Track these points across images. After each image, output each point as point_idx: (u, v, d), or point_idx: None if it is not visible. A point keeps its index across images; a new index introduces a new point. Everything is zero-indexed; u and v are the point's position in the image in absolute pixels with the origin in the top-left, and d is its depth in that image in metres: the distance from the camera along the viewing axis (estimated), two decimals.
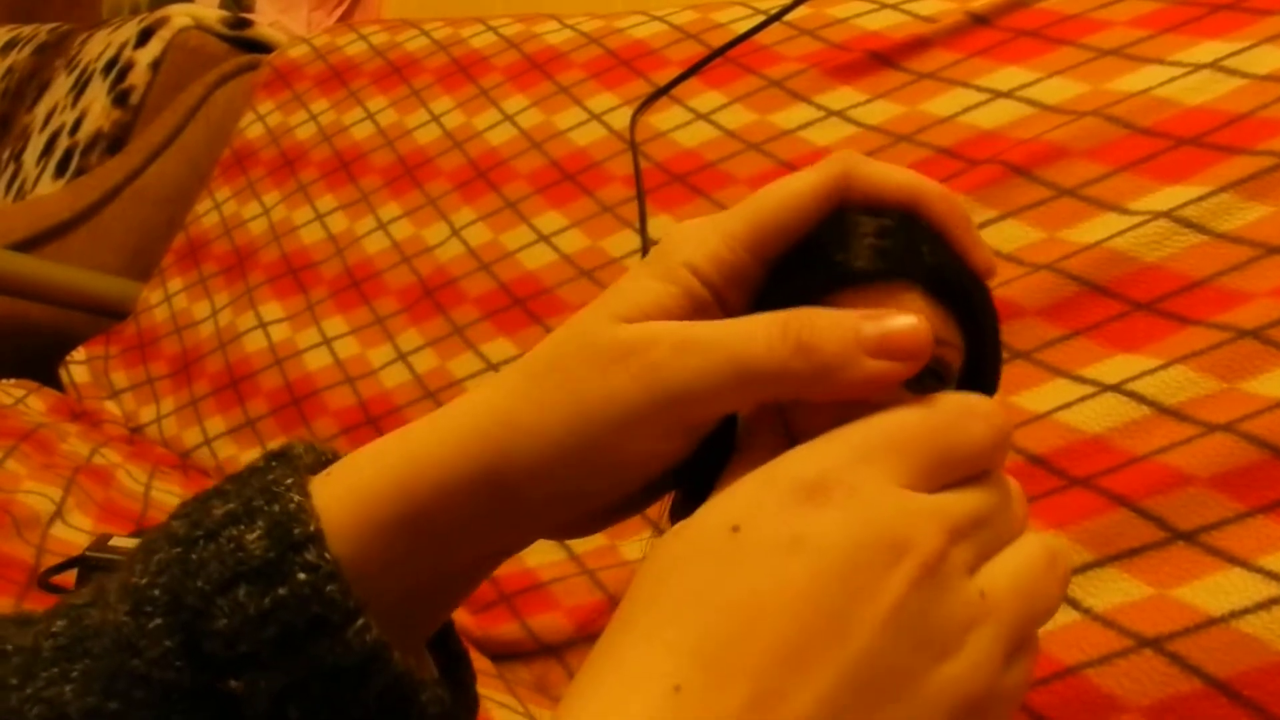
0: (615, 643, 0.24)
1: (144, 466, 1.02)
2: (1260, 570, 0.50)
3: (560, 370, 0.29)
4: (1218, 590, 0.50)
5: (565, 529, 0.32)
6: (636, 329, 0.28)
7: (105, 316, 1.37)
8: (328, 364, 1.06)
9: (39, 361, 1.30)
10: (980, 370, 0.32)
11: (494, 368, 0.93)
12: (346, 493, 0.29)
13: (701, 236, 0.30)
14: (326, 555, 0.27)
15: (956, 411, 0.27)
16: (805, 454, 0.26)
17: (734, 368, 0.27)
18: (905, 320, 0.27)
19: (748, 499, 0.25)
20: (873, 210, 0.31)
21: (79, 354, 1.33)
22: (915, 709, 0.23)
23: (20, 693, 0.26)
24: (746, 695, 0.22)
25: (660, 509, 0.33)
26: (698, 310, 0.29)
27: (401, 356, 1.00)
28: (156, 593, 0.27)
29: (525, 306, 0.95)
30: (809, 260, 0.30)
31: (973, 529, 0.26)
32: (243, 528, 0.27)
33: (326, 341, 1.08)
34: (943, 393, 0.29)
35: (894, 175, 0.30)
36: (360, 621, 0.27)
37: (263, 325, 1.15)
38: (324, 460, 0.31)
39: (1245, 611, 0.49)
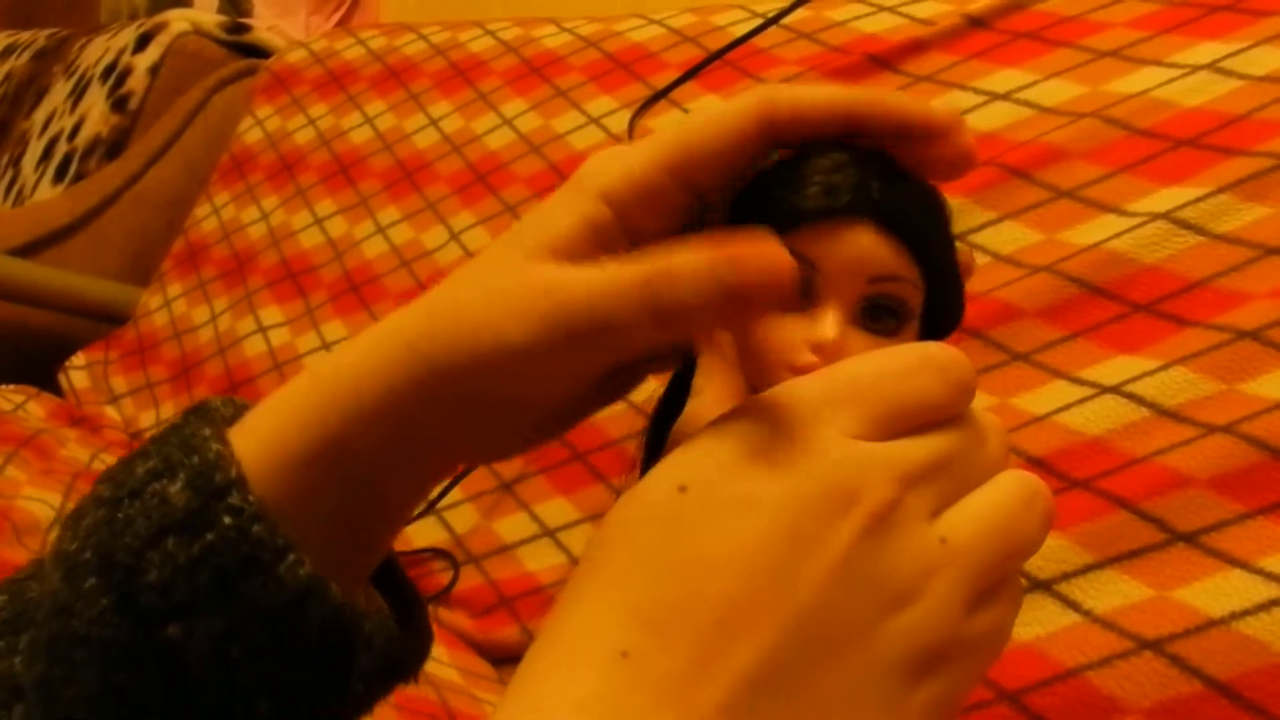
0: (564, 610, 0.24)
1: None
2: (1260, 572, 0.50)
3: (463, 304, 0.29)
4: (1218, 592, 0.50)
5: (486, 451, 0.32)
6: (533, 276, 0.28)
7: (104, 321, 1.37)
8: None
9: (38, 367, 1.30)
10: (941, 305, 0.32)
11: None
12: (264, 434, 0.29)
13: (622, 159, 0.29)
14: (250, 498, 0.27)
15: (912, 361, 0.27)
16: (754, 407, 0.25)
17: (601, 332, 0.27)
18: (762, 263, 0.26)
19: (695, 458, 0.25)
20: (822, 144, 0.31)
21: (78, 359, 1.33)
22: (867, 660, 0.23)
23: None
24: (692, 656, 0.22)
25: (627, 478, 0.33)
26: (603, 241, 0.29)
27: None
28: (88, 555, 0.27)
29: None
30: (759, 200, 0.30)
31: (930, 474, 0.25)
32: (165, 482, 0.27)
33: (326, 346, 1.08)
34: (899, 343, 0.28)
35: (819, 93, 0.30)
36: (291, 557, 0.27)
37: (262, 330, 1.15)
38: (242, 412, 0.31)
39: (1246, 613, 0.49)
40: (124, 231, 1.49)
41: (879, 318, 0.31)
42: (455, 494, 0.86)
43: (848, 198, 0.30)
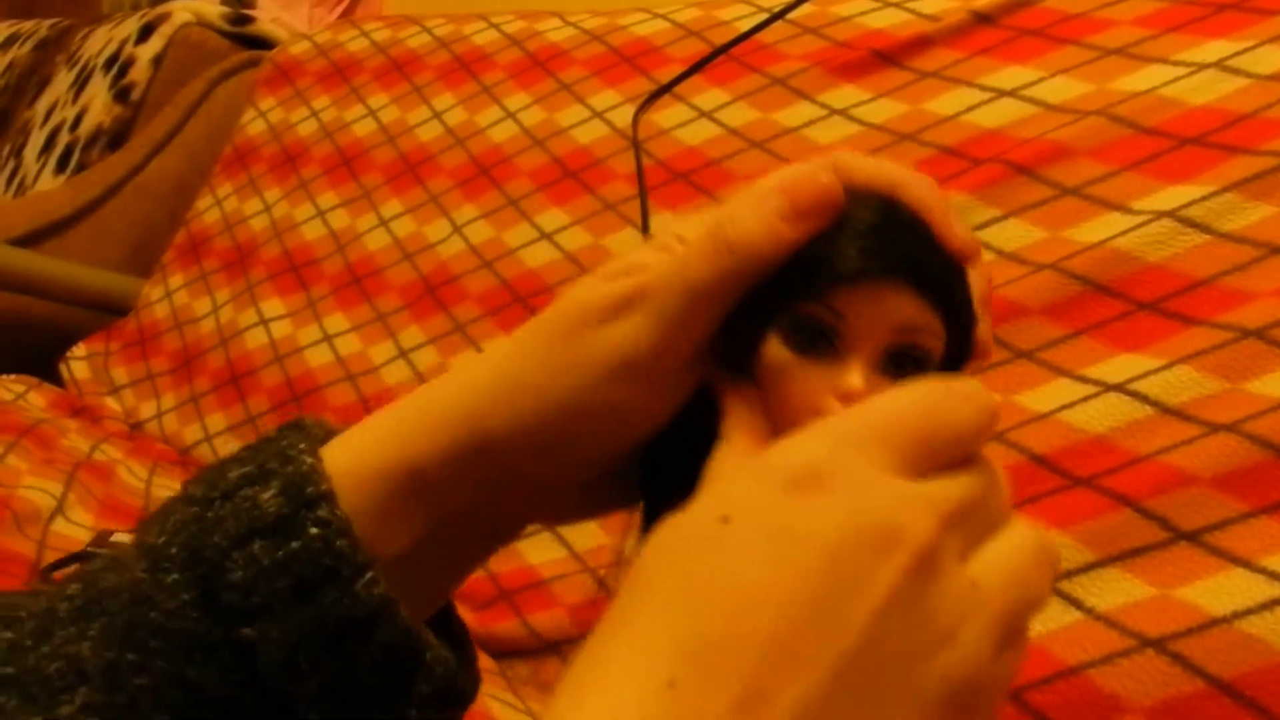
0: (609, 638, 0.24)
1: (144, 463, 1.02)
2: (1263, 571, 0.50)
3: (552, 328, 0.31)
4: (1220, 591, 0.50)
5: (557, 508, 0.33)
6: (622, 284, 0.30)
7: (106, 312, 1.37)
8: (329, 361, 1.06)
9: (39, 357, 1.30)
10: (957, 348, 0.34)
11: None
12: (353, 456, 0.30)
13: (697, 218, 0.31)
14: (337, 512, 0.28)
15: (941, 393, 0.27)
16: (794, 443, 0.26)
17: (687, 287, 0.29)
18: (812, 186, 0.30)
19: (738, 489, 0.25)
20: (857, 203, 0.32)
21: (79, 350, 1.32)
22: (909, 701, 0.23)
23: (37, 652, 0.27)
24: (737, 691, 0.22)
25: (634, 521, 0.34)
26: None
27: (403, 353, 1.00)
28: (174, 550, 0.28)
29: (527, 304, 0.95)
30: (802, 258, 0.32)
31: (963, 517, 0.25)
32: (258, 488, 0.28)
33: (328, 338, 1.08)
34: (926, 377, 0.29)
35: (877, 170, 0.31)
36: (369, 575, 0.28)
37: (264, 322, 1.15)
38: (332, 433, 0.32)
39: (1248, 612, 0.49)
40: (126, 222, 1.49)
41: (902, 365, 0.32)
42: None
43: (881, 261, 0.32)
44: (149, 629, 0.27)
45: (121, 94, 1.66)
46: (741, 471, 0.26)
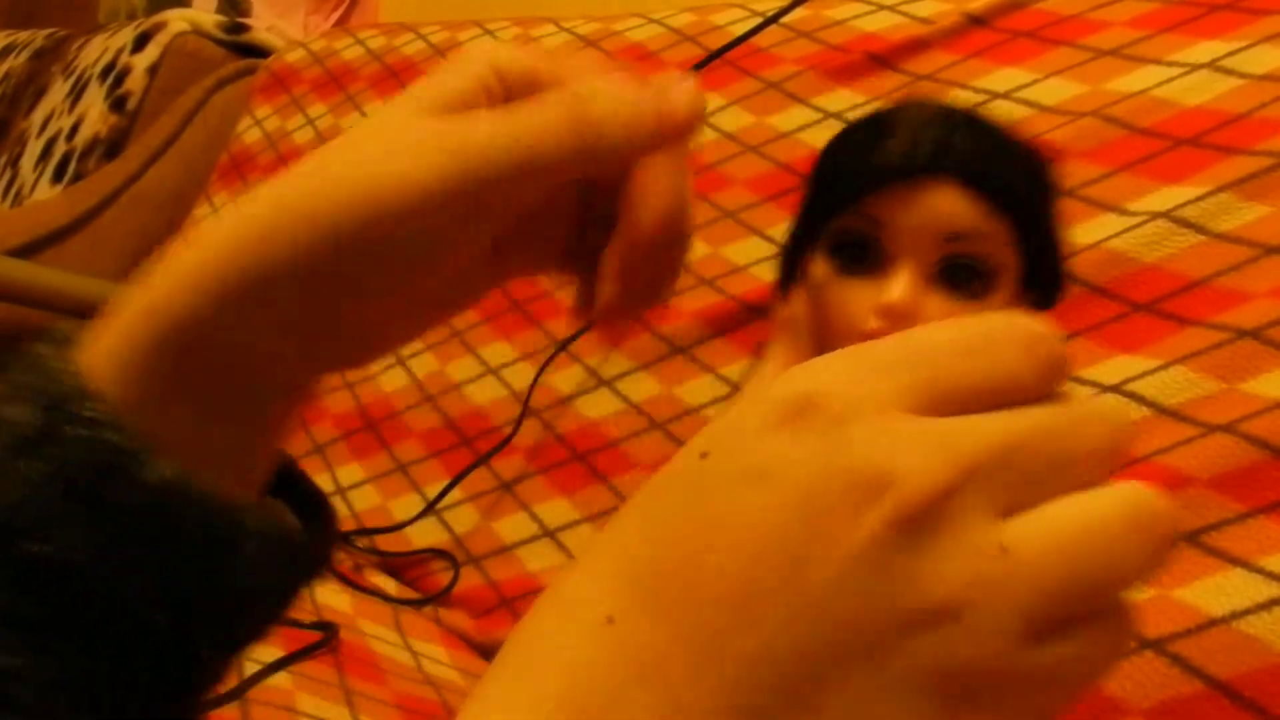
0: (567, 571, 0.22)
1: None
2: (1261, 571, 0.50)
3: (357, 159, 0.28)
4: (1219, 591, 0.50)
5: (377, 333, 0.30)
6: (434, 123, 0.28)
7: None
8: None
9: None
10: (1041, 269, 0.29)
11: (493, 371, 0.93)
12: (108, 341, 0.28)
13: (508, 47, 0.30)
14: (98, 406, 0.27)
15: (994, 330, 0.22)
16: (799, 372, 0.22)
17: (528, 153, 0.27)
18: (682, 92, 0.27)
19: (724, 424, 0.22)
20: (906, 105, 0.30)
21: None
22: (887, 675, 0.20)
23: None
24: (678, 633, 0.20)
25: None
26: (494, 107, 0.29)
27: (400, 360, 1.00)
28: None
29: (524, 309, 0.95)
30: (843, 156, 0.30)
31: (1001, 463, 0.21)
32: (11, 405, 0.27)
33: None
34: (985, 311, 0.25)
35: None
36: (150, 458, 0.26)
37: None
38: (82, 330, 0.30)
39: (1246, 612, 0.49)
40: (123, 232, 1.49)
41: (962, 281, 0.29)
42: (455, 494, 0.86)
43: (927, 156, 0.29)
44: None
45: (118, 103, 1.66)
46: (734, 405, 0.24)
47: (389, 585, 0.84)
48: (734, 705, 0.20)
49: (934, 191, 0.29)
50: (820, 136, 0.86)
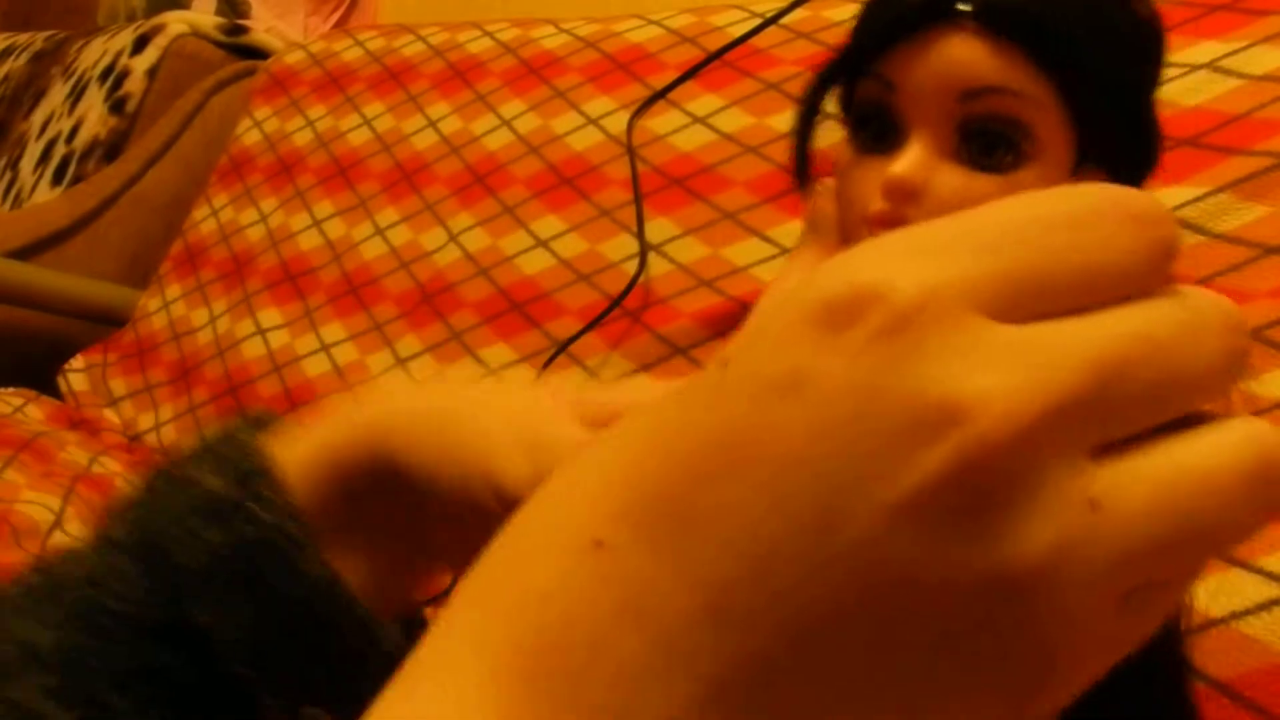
0: (550, 486, 0.19)
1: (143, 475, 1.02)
2: (1261, 572, 0.50)
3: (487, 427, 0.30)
4: (1219, 592, 0.50)
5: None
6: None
7: (103, 324, 1.37)
8: (326, 371, 1.06)
9: (37, 370, 1.30)
10: (1114, 136, 0.24)
11: (492, 373, 0.93)
12: (299, 446, 0.30)
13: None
14: (280, 491, 0.28)
15: (1087, 204, 0.17)
16: (844, 261, 0.17)
17: (489, 484, 0.28)
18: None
19: (755, 324, 0.18)
20: None
21: (77, 362, 1.32)
22: (942, 652, 0.16)
23: None
24: (682, 571, 0.16)
25: None
26: None
27: (400, 362, 1.00)
28: (124, 535, 0.28)
29: (523, 311, 0.95)
30: (863, 16, 0.26)
31: (1099, 392, 0.16)
32: (206, 472, 0.29)
33: (325, 348, 1.08)
34: (1025, 185, 0.20)
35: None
36: (313, 552, 0.28)
37: (261, 332, 1.15)
38: (281, 425, 0.33)
39: (1246, 613, 0.49)
40: (122, 234, 1.49)
41: (990, 149, 0.23)
42: None
43: (924, 3, 0.24)
44: (103, 612, 0.27)
45: (117, 105, 1.66)
46: (768, 299, 0.21)
47: None
48: (738, 664, 0.16)
49: (947, 40, 0.24)
50: (819, 138, 0.86)
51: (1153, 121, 0.24)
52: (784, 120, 0.89)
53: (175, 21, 1.71)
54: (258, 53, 1.71)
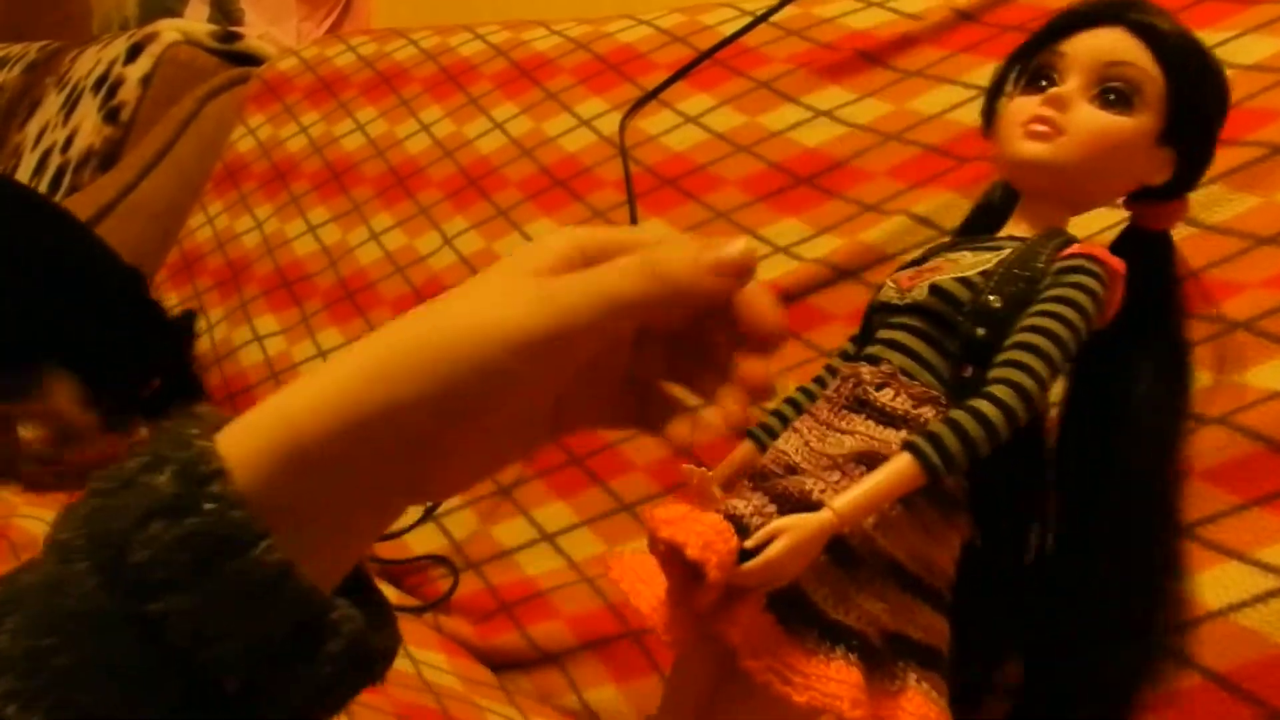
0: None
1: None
2: (1257, 563, 0.50)
3: (463, 309, 0.32)
4: (1215, 584, 0.50)
5: (444, 472, 0.34)
6: (534, 278, 0.33)
7: None
8: None
9: None
10: (1189, 104, 0.49)
11: None
12: (241, 434, 0.31)
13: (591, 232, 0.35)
14: (230, 488, 0.29)
15: None
16: None
17: (609, 301, 0.32)
18: (734, 248, 0.33)
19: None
20: None
21: None
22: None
23: None
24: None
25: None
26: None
27: None
28: (80, 541, 0.29)
29: None
30: (1054, 18, 0.50)
31: None
32: (154, 473, 0.29)
33: (322, 354, 1.08)
34: (1125, 121, 0.44)
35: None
36: (265, 543, 0.29)
37: (258, 339, 1.15)
38: (225, 420, 0.33)
39: (1243, 605, 0.49)
40: (118, 243, 1.48)
41: (1114, 100, 0.43)
42: (454, 500, 0.86)
43: (1106, 7, 0.44)
44: (63, 615, 0.28)
45: (111, 114, 1.66)
46: None
47: (389, 592, 0.83)
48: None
49: (1109, 31, 0.42)
50: (812, 135, 0.86)
51: (1213, 132, 0.46)
52: (776, 118, 0.89)
53: (168, 29, 1.71)
54: (251, 59, 1.71)
